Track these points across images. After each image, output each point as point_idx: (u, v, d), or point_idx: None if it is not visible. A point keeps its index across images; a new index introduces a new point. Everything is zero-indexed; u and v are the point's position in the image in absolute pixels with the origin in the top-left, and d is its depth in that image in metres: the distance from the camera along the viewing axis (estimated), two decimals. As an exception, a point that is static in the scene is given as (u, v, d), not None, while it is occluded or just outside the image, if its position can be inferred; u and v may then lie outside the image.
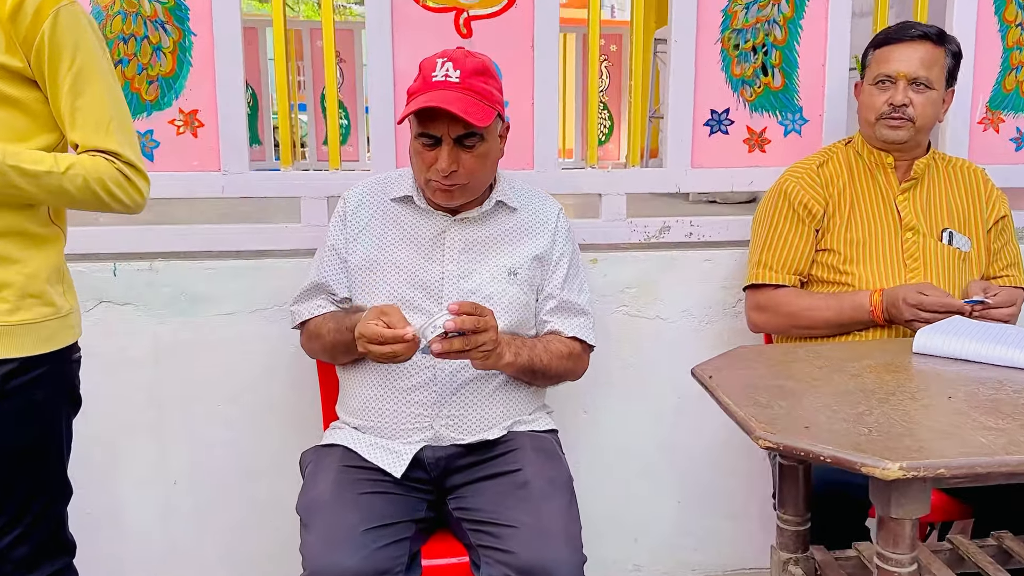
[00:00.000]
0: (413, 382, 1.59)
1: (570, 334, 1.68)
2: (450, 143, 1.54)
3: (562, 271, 1.70)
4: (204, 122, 2.04)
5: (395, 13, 2.05)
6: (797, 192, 1.89)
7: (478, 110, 1.52)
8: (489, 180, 1.65)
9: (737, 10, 2.18)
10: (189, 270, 2.03)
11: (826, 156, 1.96)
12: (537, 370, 1.62)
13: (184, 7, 2.00)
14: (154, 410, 2.06)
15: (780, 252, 1.89)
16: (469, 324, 1.40)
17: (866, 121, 1.88)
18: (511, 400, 1.65)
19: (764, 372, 1.35)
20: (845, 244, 1.85)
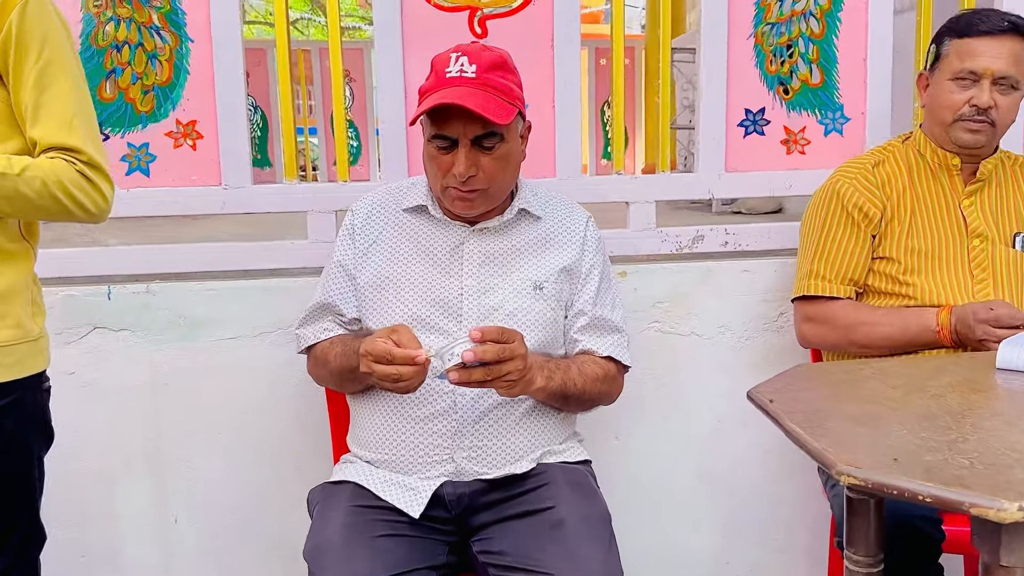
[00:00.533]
0: (430, 410, 1.44)
1: (604, 353, 1.53)
2: (467, 145, 1.39)
3: (593, 284, 1.54)
4: (203, 133, 1.91)
5: (405, 13, 1.92)
6: (851, 193, 1.72)
7: (497, 107, 1.37)
8: (511, 185, 1.50)
9: (771, 3, 2.03)
10: (188, 292, 1.89)
11: (882, 155, 1.79)
12: (570, 395, 1.46)
13: (180, 12, 1.87)
14: (152, 443, 1.91)
15: (834, 260, 1.73)
16: (491, 355, 1.24)
17: (939, 121, 1.69)
18: (540, 428, 1.49)
19: (830, 394, 1.18)
20: (906, 252, 1.69)
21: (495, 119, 1.36)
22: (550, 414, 1.51)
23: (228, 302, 1.89)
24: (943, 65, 1.68)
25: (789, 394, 1.18)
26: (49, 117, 1.20)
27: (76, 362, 1.87)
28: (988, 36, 1.61)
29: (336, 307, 1.53)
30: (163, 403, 1.90)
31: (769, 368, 2.02)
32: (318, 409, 1.79)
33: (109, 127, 1.88)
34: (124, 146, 1.89)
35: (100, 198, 1.25)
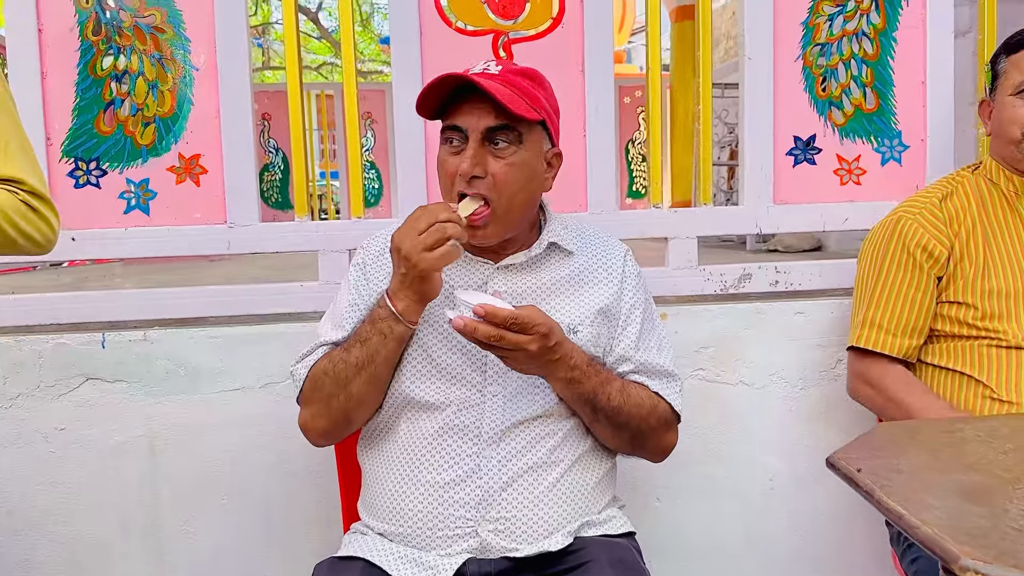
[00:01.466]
0: (451, 475, 1.26)
1: (656, 390, 1.35)
2: (478, 139, 1.24)
3: (634, 327, 1.36)
4: (208, 168, 1.78)
5: (424, 36, 1.79)
6: (916, 232, 1.55)
7: (514, 100, 1.22)
8: (526, 208, 1.32)
9: (820, 22, 1.87)
10: (189, 340, 1.73)
11: (950, 187, 1.61)
12: (602, 408, 1.27)
13: (185, 39, 1.75)
14: (149, 507, 1.74)
15: (893, 308, 1.54)
16: (482, 334, 1.14)
17: (1008, 139, 1.53)
18: (576, 495, 1.30)
19: (929, 461, 0.99)
20: (983, 297, 1.50)
21: (510, 105, 1.20)
22: (588, 476, 1.32)
23: (232, 350, 1.73)
24: (1002, 84, 1.56)
25: (879, 462, 0.99)
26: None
27: (67, 417, 1.71)
28: None
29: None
30: (161, 462, 1.73)
31: (827, 421, 1.83)
32: (329, 468, 1.62)
33: (107, 162, 1.75)
34: (122, 182, 1.76)
35: (47, 228, 1.21)
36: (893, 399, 1.52)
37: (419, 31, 1.79)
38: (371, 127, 7.10)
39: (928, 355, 1.57)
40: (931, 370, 1.57)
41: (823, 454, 1.84)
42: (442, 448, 1.27)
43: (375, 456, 1.34)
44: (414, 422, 1.30)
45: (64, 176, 1.75)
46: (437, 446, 1.27)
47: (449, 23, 1.80)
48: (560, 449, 1.29)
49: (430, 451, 1.28)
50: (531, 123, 1.26)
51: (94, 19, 1.74)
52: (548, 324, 1.17)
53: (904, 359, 1.56)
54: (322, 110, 7.68)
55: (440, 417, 1.28)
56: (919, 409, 1.48)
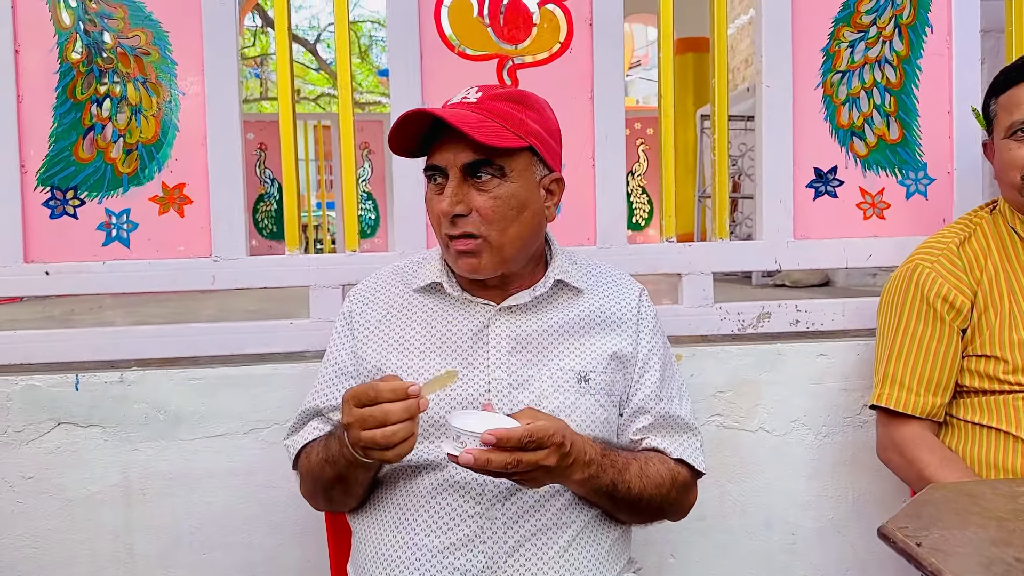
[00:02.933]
0: (451, 539, 1.13)
1: (676, 455, 1.23)
2: (457, 176, 1.14)
3: (653, 375, 1.25)
4: (192, 198, 1.67)
5: (425, 61, 1.69)
6: (935, 282, 1.45)
7: (489, 129, 1.11)
8: (525, 239, 1.20)
9: (840, 49, 1.78)
10: (169, 382, 1.61)
11: (968, 229, 1.51)
12: (621, 499, 1.15)
13: (171, 62, 1.65)
14: (123, 562, 1.60)
15: (915, 364, 1.44)
16: (496, 464, 0.99)
17: (1010, 183, 1.44)
18: (590, 558, 1.17)
19: (996, 535, 0.87)
20: (1012, 348, 1.39)
21: (481, 138, 1.09)
22: (602, 539, 1.20)
23: (216, 393, 1.61)
24: (996, 127, 1.49)
25: (938, 532, 0.87)
26: None
27: (37, 464, 1.58)
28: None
29: (330, 415, 1.24)
30: (137, 514, 1.60)
31: (852, 471, 1.71)
32: (318, 523, 1.49)
33: (85, 191, 1.65)
34: (102, 213, 1.65)
35: None
36: (918, 469, 1.42)
37: (419, 55, 1.69)
38: (368, 157, 7.04)
39: (958, 410, 1.47)
40: (962, 426, 1.46)
41: (848, 506, 1.72)
42: (441, 508, 1.15)
43: (366, 516, 1.22)
44: (410, 479, 1.18)
45: (39, 206, 1.64)
46: (435, 505, 1.15)
47: (452, 48, 1.71)
48: (570, 510, 1.17)
49: (427, 511, 1.15)
50: (515, 151, 1.15)
51: (75, 40, 1.64)
52: (560, 429, 1.04)
53: (931, 419, 1.46)
54: (319, 140, 7.62)
55: (439, 473, 1.16)
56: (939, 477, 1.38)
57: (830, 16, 1.78)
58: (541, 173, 1.20)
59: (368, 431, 0.99)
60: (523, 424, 1.01)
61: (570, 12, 1.72)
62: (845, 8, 1.78)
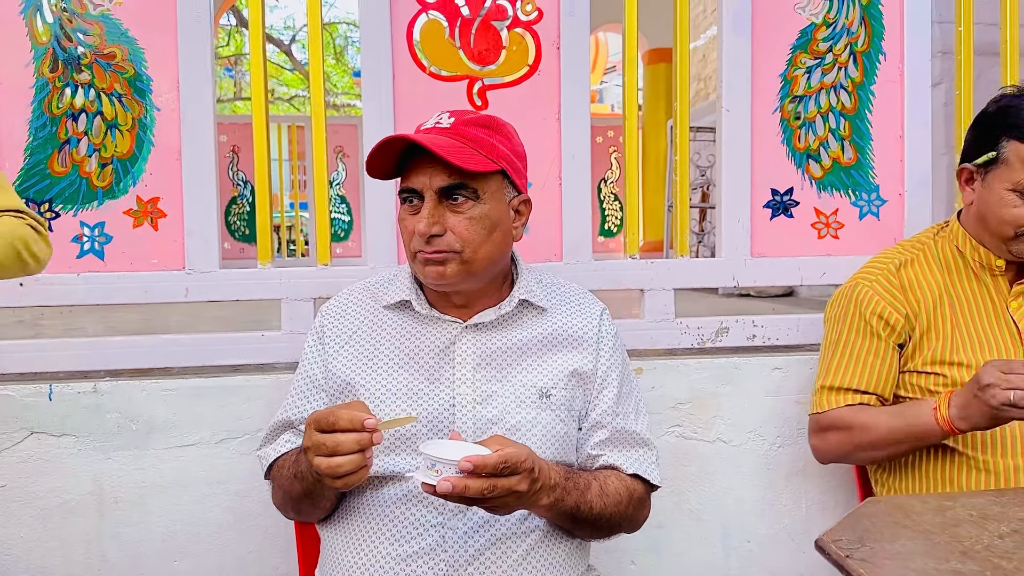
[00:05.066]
0: (415, 547, 1.18)
1: (631, 471, 1.28)
2: (433, 198, 1.20)
3: (611, 391, 1.30)
4: (167, 212, 1.70)
5: (397, 81, 1.74)
6: (870, 300, 1.51)
7: (465, 154, 1.18)
8: (496, 258, 1.25)
9: (798, 75, 1.86)
10: (142, 392, 1.64)
11: (909, 254, 1.56)
12: (583, 519, 1.21)
13: (146, 78, 1.69)
14: (96, 571, 1.63)
15: (850, 371, 1.51)
16: (473, 491, 1.02)
17: (995, 233, 1.46)
18: (547, 566, 1.23)
19: (924, 547, 0.94)
20: (950, 367, 1.46)
21: (457, 162, 1.15)
22: (560, 547, 1.25)
23: (188, 403, 1.64)
24: (1001, 172, 1.42)
25: (870, 547, 0.94)
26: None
27: (8, 473, 1.61)
28: None
29: (302, 426, 1.28)
30: (110, 522, 1.63)
31: (805, 479, 1.78)
32: (288, 530, 1.53)
33: (60, 204, 1.67)
34: (76, 225, 1.68)
35: (48, 249, 1.34)
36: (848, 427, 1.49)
37: (392, 75, 1.74)
38: (342, 160, 7.05)
39: None
40: None
41: (803, 513, 1.79)
42: (404, 518, 1.20)
43: (333, 526, 1.26)
44: (375, 489, 1.22)
45: (14, 218, 1.66)
46: (399, 515, 1.20)
47: (423, 68, 1.76)
48: (529, 519, 1.22)
49: (391, 521, 1.20)
50: (487, 175, 1.21)
51: (51, 55, 1.66)
52: (530, 455, 1.08)
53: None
54: (292, 140, 7.62)
55: (402, 485, 1.21)
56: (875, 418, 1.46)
57: (788, 43, 1.85)
58: (511, 195, 1.26)
59: (319, 457, 1.03)
60: (494, 451, 1.05)
61: (538, 35, 1.78)
62: (803, 35, 1.86)
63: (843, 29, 1.86)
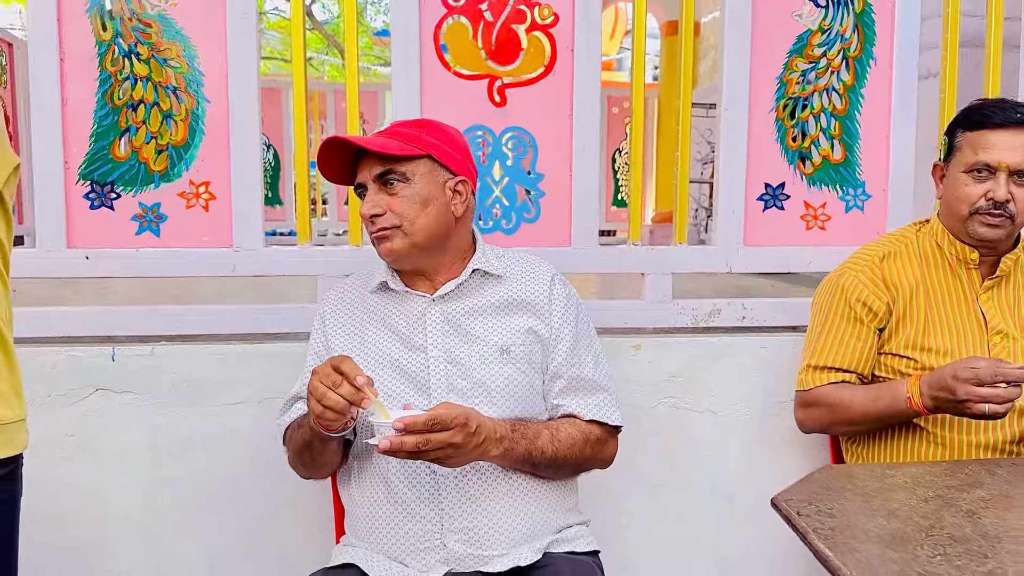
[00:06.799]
0: (415, 495, 1.39)
1: (588, 416, 1.47)
2: (372, 186, 1.45)
3: (565, 344, 1.49)
4: (216, 195, 1.89)
5: (424, 81, 1.91)
6: (856, 287, 1.68)
7: (389, 145, 1.42)
8: (433, 229, 1.44)
9: (793, 78, 2.01)
10: (194, 355, 1.85)
11: (892, 247, 1.73)
12: (539, 462, 1.40)
13: (199, 72, 1.86)
14: (151, 512, 1.86)
15: (834, 352, 1.69)
16: (409, 446, 1.21)
17: (955, 214, 1.65)
18: (536, 508, 1.43)
19: (860, 507, 1.13)
20: (922, 352, 1.64)
21: (380, 150, 1.40)
22: (544, 492, 1.45)
23: (235, 367, 1.85)
24: (957, 158, 1.63)
25: (816, 506, 1.13)
26: None
27: (76, 424, 1.83)
28: (1001, 129, 1.57)
29: None
30: (163, 471, 1.85)
31: (786, 447, 1.98)
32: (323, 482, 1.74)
33: (121, 186, 1.87)
34: (135, 206, 1.87)
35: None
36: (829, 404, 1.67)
37: (419, 73, 1.91)
38: (363, 128, 7.20)
39: None
40: None
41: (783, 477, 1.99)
42: (400, 471, 1.40)
43: (348, 485, 1.48)
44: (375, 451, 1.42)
45: (80, 198, 1.86)
46: (395, 469, 1.40)
47: (448, 67, 1.93)
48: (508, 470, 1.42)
49: (391, 474, 1.41)
50: (415, 159, 1.43)
51: (113, 50, 1.84)
52: (464, 412, 1.27)
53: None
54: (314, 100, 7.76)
55: None
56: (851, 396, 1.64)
57: (785, 48, 2.01)
58: (444, 177, 1.46)
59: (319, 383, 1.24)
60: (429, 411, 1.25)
61: (554, 38, 1.94)
62: (799, 41, 2.01)
63: (837, 35, 2.01)
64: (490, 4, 1.91)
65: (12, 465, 1.24)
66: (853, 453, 1.76)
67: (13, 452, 1.24)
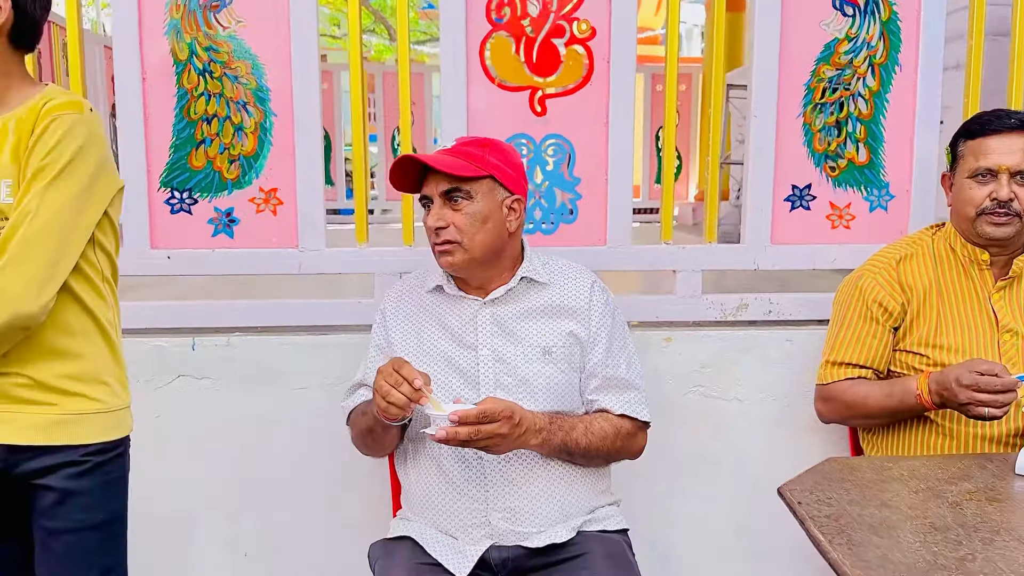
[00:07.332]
0: (464, 476, 1.58)
1: (619, 411, 1.63)
2: (438, 201, 1.58)
3: (602, 347, 1.65)
4: (283, 200, 2.08)
5: (471, 93, 2.06)
6: (873, 288, 1.81)
7: (458, 165, 1.55)
8: (488, 243, 1.59)
9: (820, 84, 2.12)
10: (265, 345, 2.05)
11: (909, 249, 1.85)
12: (574, 452, 1.57)
13: (266, 89, 2.04)
14: (228, 485, 2.08)
15: (852, 349, 1.82)
16: (463, 435, 1.40)
17: (964, 216, 1.76)
18: (572, 491, 1.60)
19: (856, 496, 1.27)
20: (934, 349, 1.76)
21: (448, 170, 1.54)
22: (579, 477, 1.62)
23: (301, 355, 2.05)
24: (961, 166, 1.77)
25: (816, 495, 1.28)
26: None
27: (162, 406, 2.04)
28: (998, 134, 1.71)
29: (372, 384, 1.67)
30: (239, 447, 2.07)
31: (809, 435, 2.11)
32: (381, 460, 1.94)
33: (198, 192, 2.06)
34: (211, 210, 2.07)
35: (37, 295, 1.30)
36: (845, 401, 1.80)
37: (466, 85, 2.06)
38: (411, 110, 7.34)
39: None
40: None
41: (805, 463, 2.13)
42: (451, 454, 1.58)
43: (404, 465, 1.68)
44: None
45: (162, 203, 2.06)
46: (447, 453, 1.58)
47: (492, 79, 2.07)
48: None
49: (442, 457, 1.59)
50: (478, 179, 1.57)
51: (189, 69, 2.03)
52: (509, 407, 1.45)
53: None
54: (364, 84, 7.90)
55: None
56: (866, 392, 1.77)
57: (813, 56, 2.11)
58: (503, 195, 1.61)
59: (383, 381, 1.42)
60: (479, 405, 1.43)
61: (592, 51, 2.07)
62: (827, 49, 2.11)
63: (863, 43, 2.10)
64: (532, 20, 2.05)
65: (122, 447, 1.45)
66: (870, 442, 1.89)
67: (123, 434, 1.45)
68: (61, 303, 1.34)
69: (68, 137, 1.30)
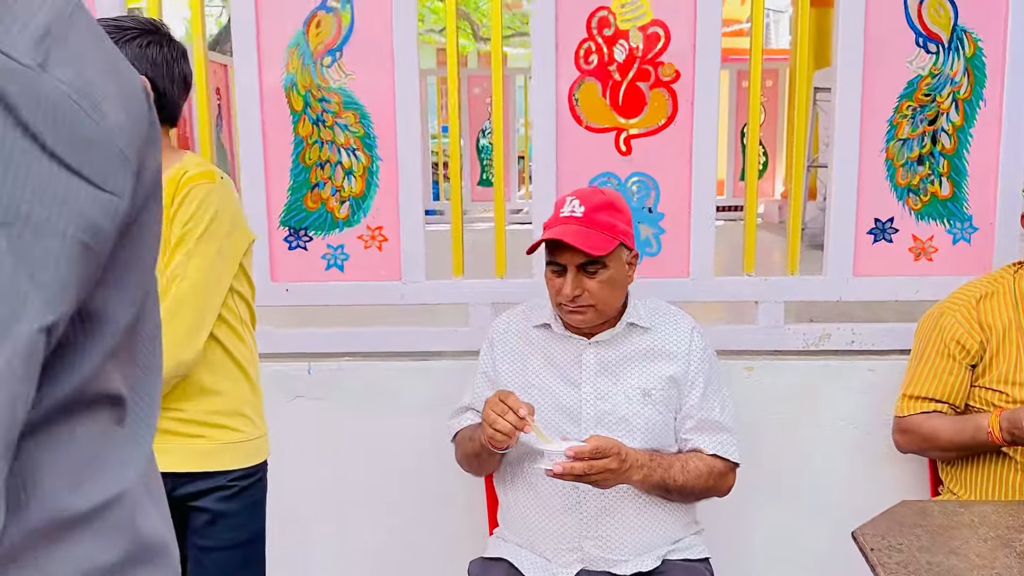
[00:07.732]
0: (560, 503, 1.71)
1: (711, 452, 1.74)
2: (574, 271, 1.67)
3: (698, 391, 1.75)
4: (388, 237, 2.26)
5: (560, 134, 2.19)
6: (952, 326, 1.86)
7: (597, 241, 1.64)
8: (617, 303, 1.74)
9: (903, 120, 2.16)
10: (372, 369, 2.25)
11: (990, 288, 1.89)
12: (671, 488, 1.68)
13: (373, 136, 2.23)
14: (339, 496, 2.29)
15: (929, 384, 1.88)
16: (579, 470, 1.52)
17: None
18: (660, 520, 1.73)
19: (927, 543, 1.36)
20: (1014, 387, 1.81)
21: (592, 251, 1.63)
22: (670, 510, 1.74)
23: (406, 378, 2.24)
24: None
25: (888, 540, 1.37)
26: None
27: (282, 424, 2.21)
28: None
29: (478, 408, 1.83)
30: (349, 461, 2.27)
31: (889, 464, 2.17)
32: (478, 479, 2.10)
33: (313, 231, 2.27)
34: (324, 247, 2.27)
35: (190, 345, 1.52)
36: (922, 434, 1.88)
37: (555, 128, 2.19)
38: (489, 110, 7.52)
39: None
40: None
41: (886, 492, 2.21)
42: (549, 482, 1.71)
43: (505, 487, 1.83)
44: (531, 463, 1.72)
45: (281, 241, 2.28)
46: (546, 481, 1.71)
47: (580, 121, 2.20)
48: None
49: (541, 485, 1.73)
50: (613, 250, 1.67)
51: (304, 119, 2.23)
52: (616, 444, 1.57)
53: None
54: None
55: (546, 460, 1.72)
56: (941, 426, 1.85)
57: (896, 93, 2.15)
58: (627, 256, 1.73)
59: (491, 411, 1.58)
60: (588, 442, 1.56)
61: (675, 93, 2.17)
62: (909, 86, 2.15)
63: (947, 79, 2.14)
64: (618, 66, 2.17)
65: (261, 472, 1.65)
66: (948, 473, 1.95)
67: (261, 460, 1.65)
68: (205, 346, 1.55)
69: (204, 205, 1.50)
